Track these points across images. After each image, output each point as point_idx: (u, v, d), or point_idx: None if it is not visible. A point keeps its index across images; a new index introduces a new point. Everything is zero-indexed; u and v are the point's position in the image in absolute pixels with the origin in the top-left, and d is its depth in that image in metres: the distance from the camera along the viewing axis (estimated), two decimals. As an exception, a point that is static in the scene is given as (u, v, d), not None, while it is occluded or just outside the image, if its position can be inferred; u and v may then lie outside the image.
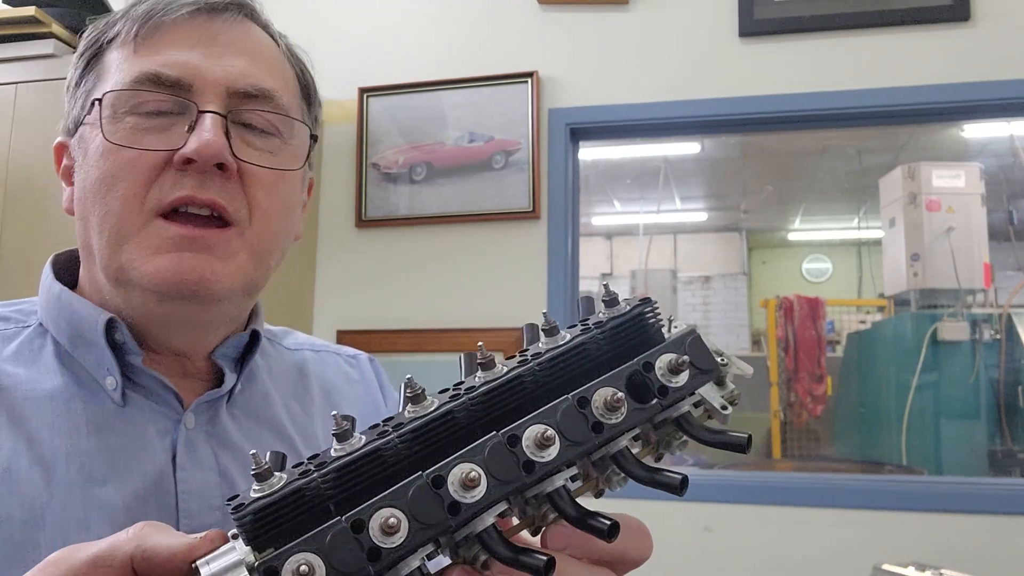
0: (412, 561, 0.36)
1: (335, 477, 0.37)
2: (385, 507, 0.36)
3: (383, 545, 0.35)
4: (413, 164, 2.53)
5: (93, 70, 0.67)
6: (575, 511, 0.39)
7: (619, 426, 0.40)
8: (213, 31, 0.66)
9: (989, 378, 3.31)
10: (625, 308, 0.43)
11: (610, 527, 0.38)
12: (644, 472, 0.40)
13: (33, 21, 2.13)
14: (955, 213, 3.38)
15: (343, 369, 0.84)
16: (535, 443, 0.38)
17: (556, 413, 0.39)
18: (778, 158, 5.51)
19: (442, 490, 0.37)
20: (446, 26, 2.60)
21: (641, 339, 0.43)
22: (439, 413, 0.39)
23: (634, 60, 2.46)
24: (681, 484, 0.40)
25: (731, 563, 2.21)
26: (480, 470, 0.37)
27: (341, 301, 2.55)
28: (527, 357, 0.41)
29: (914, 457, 3.31)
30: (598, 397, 0.40)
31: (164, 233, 0.62)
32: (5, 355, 0.65)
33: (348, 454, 0.38)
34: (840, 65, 2.32)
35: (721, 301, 7.55)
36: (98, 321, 0.64)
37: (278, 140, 0.67)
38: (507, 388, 0.40)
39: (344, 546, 0.35)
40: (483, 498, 0.37)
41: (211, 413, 0.68)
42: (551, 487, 0.39)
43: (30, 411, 0.61)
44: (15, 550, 0.56)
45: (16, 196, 2.12)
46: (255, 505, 0.36)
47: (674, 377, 0.41)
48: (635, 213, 6.66)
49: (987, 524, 2.09)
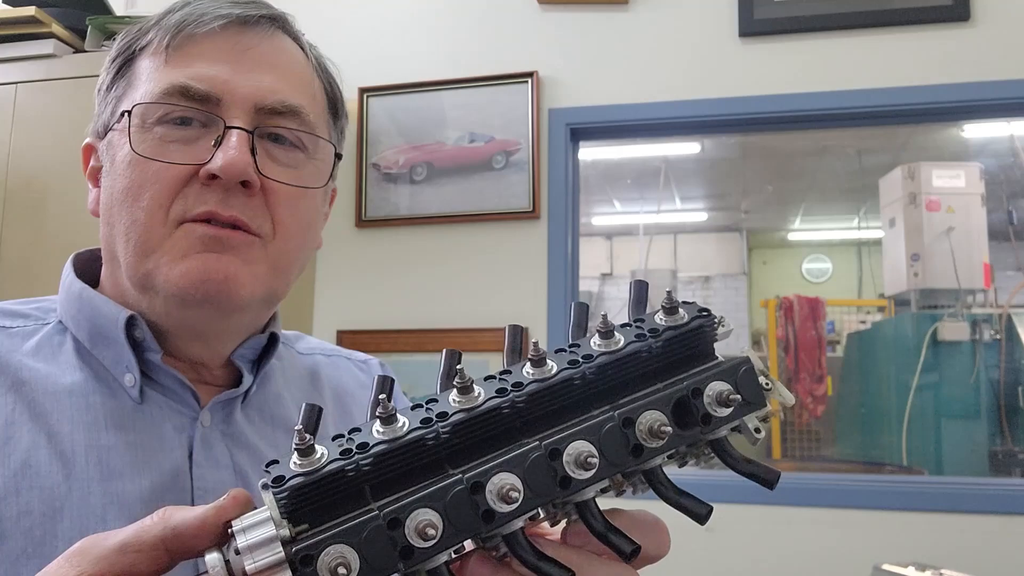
0: (440, 557, 0.37)
1: (374, 461, 0.37)
2: (422, 507, 0.37)
3: (417, 546, 0.36)
4: (413, 164, 2.53)
5: (124, 76, 0.68)
6: (601, 527, 0.40)
7: (658, 450, 0.40)
8: (244, 44, 0.66)
9: (989, 378, 3.31)
10: (684, 318, 0.43)
11: (631, 551, 0.39)
12: (672, 495, 0.41)
13: (33, 21, 2.13)
14: (955, 213, 3.38)
15: (355, 374, 0.85)
16: (575, 462, 0.38)
17: (600, 431, 0.39)
18: (778, 158, 5.51)
19: (479, 497, 0.37)
20: (446, 26, 2.60)
21: (695, 351, 0.43)
22: (485, 409, 0.39)
23: (634, 60, 2.46)
24: (706, 515, 0.40)
25: (731, 563, 2.21)
26: (519, 484, 0.37)
27: (341, 301, 2.55)
28: (578, 359, 0.41)
29: (914, 457, 3.31)
30: (643, 421, 0.40)
31: (192, 234, 0.63)
32: (25, 350, 0.65)
33: (391, 440, 0.38)
34: (840, 65, 2.32)
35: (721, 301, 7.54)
36: (119, 318, 0.65)
37: (303, 155, 0.68)
38: (556, 390, 0.40)
39: (379, 542, 0.36)
40: (518, 509, 0.37)
41: (226, 412, 0.69)
42: (581, 499, 0.39)
43: (50, 406, 0.62)
44: (35, 544, 0.56)
45: (16, 196, 2.12)
46: (295, 482, 0.36)
47: (720, 408, 0.41)
48: (635, 213, 6.66)
49: (987, 524, 2.09)
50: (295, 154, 0.68)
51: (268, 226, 0.66)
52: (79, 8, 2.21)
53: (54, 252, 0.78)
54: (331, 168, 0.72)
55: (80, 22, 2.18)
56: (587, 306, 0.45)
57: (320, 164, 0.70)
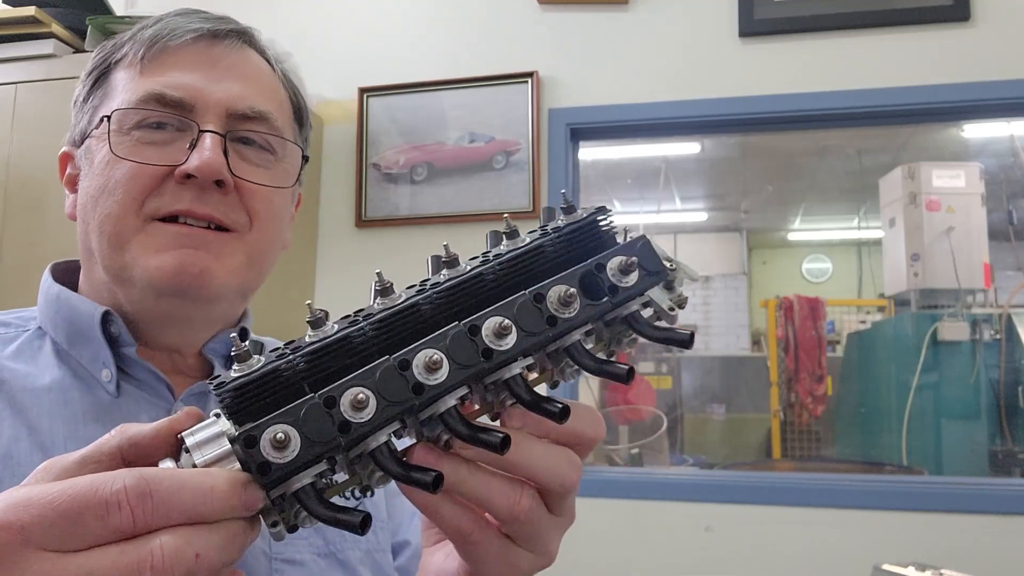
0: (380, 436, 0.39)
1: (308, 359, 0.40)
2: (355, 386, 0.39)
3: (353, 419, 0.39)
4: (414, 164, 2.53)
5: (101, 87, 0.72)
6: (529, 396, 0.42)
7: (572, 320, 0.42)
8: (215, 56, 0.71)
9: (989, 378, 3.31)
10: (581, 215, 0.46)
11: (561, 410, 0.42)
12: (594, 364, 0.43)
13: (33, 21, 2.13)
14: (955, 213, 3.37)
15: None
16: (494, 332, 0.41)
17: (514, 307, 0.42)
18: (778, 158, 5.51)
19: (408, 372, 0.40)
20: (446, 26, 2.60)
21: (595, 244, 0.46)
22: (405, 305, 0.42)
23: (634, 60, 2.46)
24: (628, 374, 0.42)
25: (731, 563, 2.20)
26: (442, 355, 0.40)
27: (341, 301, 2.54)
28: (488, 257, 0.44)
29: (914, 457, 3.31)
30: (553, 293, 0.43)
31: (165, 233, 0.66)
32: (6, 354, 0.68)
33: (321, 339, 0.41)
34: (840, 65, 2.32)
35: (721, 301, 7.54)
36: (94, 314, 0.68)
37: (272, 157, 0.72)
38: (469, 284, 0.43)
39: (317, 419, 0.38)
40: (445, 380, 0.40)
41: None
42: (508, 374, 0.42)
43: (30, 402, 0.65)
44: None
45: (16, 197, 2.12)
46: (235, 383, 0.39)
47: (624, 277, 0.44)
48: (635, 213, 6.66)
49: (987, 524, 2.09)
50: (265, 155, 0.71)
51: (244, 219, 0.69)
52: (79, 8, 2.21)
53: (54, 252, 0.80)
54: (299, 170, 0.76)
55: (80, 22, 2.18)
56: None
57: (288, 166, 0.74)
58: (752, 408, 5.05)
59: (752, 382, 5.06)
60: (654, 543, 2.24)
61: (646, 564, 2.24)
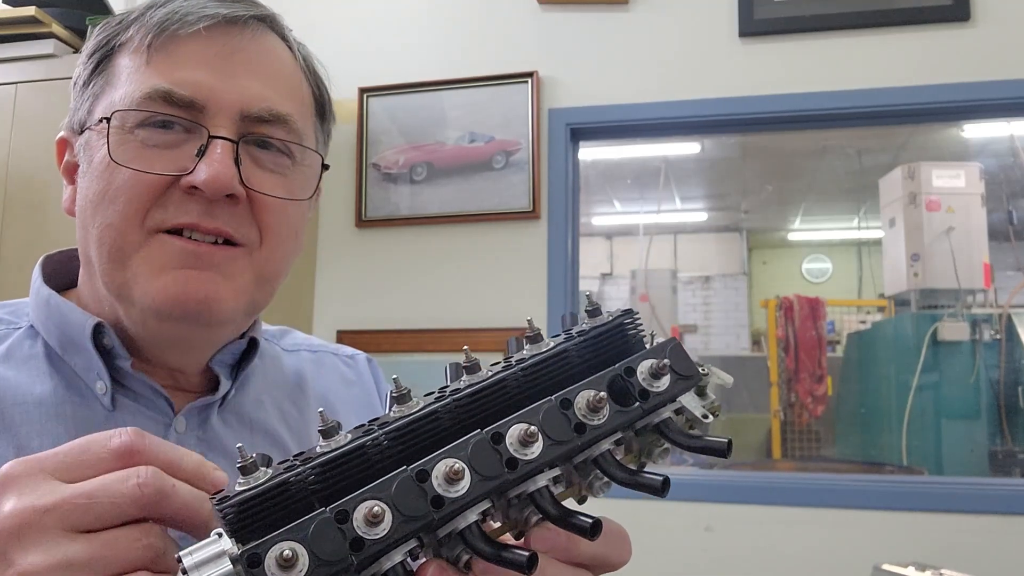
0: (394, 556, 0.36)
1: (319, 472, 0.37)
2: (369, 499, 0.36)
3: (366, 536, 0.35)
4: (413, 164, 2.53)
5: (103, 73, 0.65)
6: (557, 510, 0.39)
7: (601, 428, 0.40)
8: (230, 48, 0.63)
9: (989, 378, 3.31)
10: (607, 318, 0.44)
11: (592, 524, 0.39)
12: (625, 475, 0.41)
13: (33, 21, 2.13)
14: (955, 213, 3.37)
15: (340, 370, 0.83)
16: (518, 440, 0.38)
17: (539, 413, 0.40)
18: (778, 158, 5.51)
19: (426, 484, 0.37)
20: (446, 26, 2.60)
21: (623, 349, 0.43)
22: (423, 413, 0.39)
23: (634, 60, 2.46)
24: (662, 485, 0.40)
25: (731, 563, 2.20)
26: (464, 464, 0.37)
27: (341, 301, 2.55)
28: (511, 363, 0.42)
29: (914, 457, 3.31)
30: (581, 399, 0.40)
31: (169, 248, 0.61)
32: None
33: (333, 450, 0.38)
34: (840, 65, 2.32)
35: (721, 301, 7.55)
36: (85, 326, 0.63)
37: (289, 162, 0.66)
38: (490, 391, 0.40)
39: (327, 535, 0.35)
40: (466, 493, 0.37)
41: (202, 418, 0.67)
42: (534, 487, 0.39)
43: (20, 418, 0.61)
44: None
45: (16, 196, 2.12)
46: (239, 497, 0.36)
47: (655, 382, 0.42)
48: (635, 213, 6.66)
49: (987, 524, 2.09)
50: (282, 159, 0.65)
51: (254, 234, 0.64)
52: (79, 8, 2.21)
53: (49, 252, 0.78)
54: (318, 176, 0.70)
55: (80, 22, 2.18)
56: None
57: (307, 170, 0.68)
58: (752, 408, 5.05)
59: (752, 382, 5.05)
60: (654, 543, 2.24)
61: (646, 564, 2.24)
